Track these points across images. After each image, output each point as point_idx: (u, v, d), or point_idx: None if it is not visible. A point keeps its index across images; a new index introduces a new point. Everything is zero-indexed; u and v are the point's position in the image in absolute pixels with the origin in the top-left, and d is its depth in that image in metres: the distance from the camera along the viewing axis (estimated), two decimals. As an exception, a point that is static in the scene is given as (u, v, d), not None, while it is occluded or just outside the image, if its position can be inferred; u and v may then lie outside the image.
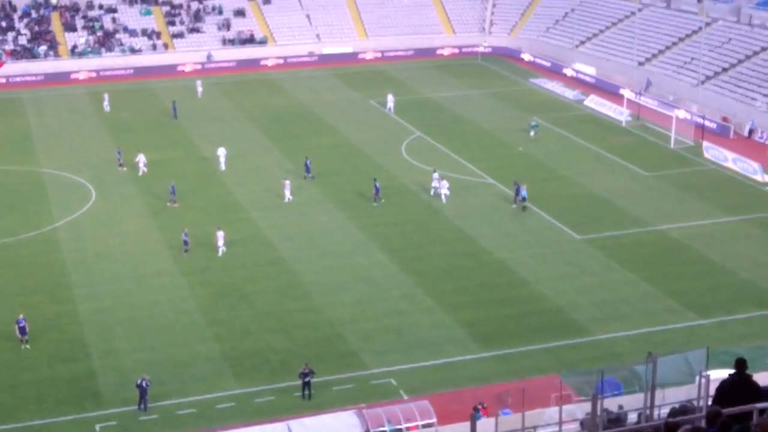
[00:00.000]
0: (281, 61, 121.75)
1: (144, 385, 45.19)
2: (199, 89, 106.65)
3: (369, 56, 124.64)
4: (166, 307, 55.96)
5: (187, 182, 76.74)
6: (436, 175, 73.08)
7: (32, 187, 76.58)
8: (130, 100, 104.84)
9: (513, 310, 55.22)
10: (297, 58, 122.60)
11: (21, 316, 51.40)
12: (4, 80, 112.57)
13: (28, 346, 50.65)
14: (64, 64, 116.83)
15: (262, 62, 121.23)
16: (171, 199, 71.36)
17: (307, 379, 46.12)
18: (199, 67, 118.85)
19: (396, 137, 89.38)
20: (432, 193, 71.94)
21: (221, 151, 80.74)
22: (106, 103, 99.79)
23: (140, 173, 78.06)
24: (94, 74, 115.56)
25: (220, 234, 62.72)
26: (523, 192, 69.67)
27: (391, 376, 48.23)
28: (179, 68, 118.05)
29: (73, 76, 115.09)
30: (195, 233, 65.17)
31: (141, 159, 79.02)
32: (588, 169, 79.78)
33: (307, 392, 46.23)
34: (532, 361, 49.64)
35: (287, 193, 72.16)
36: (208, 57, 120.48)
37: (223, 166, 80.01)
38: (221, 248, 62.47)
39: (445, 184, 71.07)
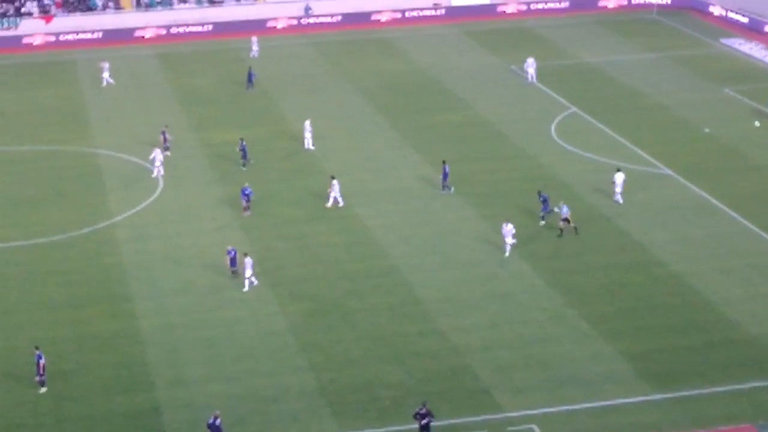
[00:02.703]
0: (398, 15, 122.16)
1: (217, 424, 45.81)
2: (254, 48, 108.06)
3: (510, 9, 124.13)
4: (249, 326, 56.78)
5: (276, 169, 77.77)
6: (618, 177, 70.66)
7: (86, 173, 78.59)
8: (208, 65, 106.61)
9: (694, 341, 54.46)
10: (418, 12, 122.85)
11: (38, 352, 51.01)
12: (53, 38, 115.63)
13: (43, 390, 50.65)
14: (126, 19, 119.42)
15: (374, 16, 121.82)
16: (245, 206, 70.05)
17: (425, 422, 46.17)
18: (294, 22, 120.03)
19: (544, 114, 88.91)
20: (616, 200, 70.60)
21: (307, 125, 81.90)
22: (106, 74, 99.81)
23: (154, 174, 76.60)
24: (163, 31, 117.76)
25: (248, 261, 60.33)
26: (565, 210, 65.98)
27: (533, 421, 48.02)
28: (269, 24, 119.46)
29: (137, 33, 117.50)
30: (286, 233, 66.02)
31: (157, 155, 76.74)
32: (797, 158, 78.33)
33: (425, 439, 46.44)
34: (720, 406, 48.81)
35: (333, 195, 70.81)
36: (307, 10, 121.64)
37: (309, 144, 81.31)
38: (249, 281, 60.29)
39: (510, 230, 63.83)
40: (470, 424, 47.93)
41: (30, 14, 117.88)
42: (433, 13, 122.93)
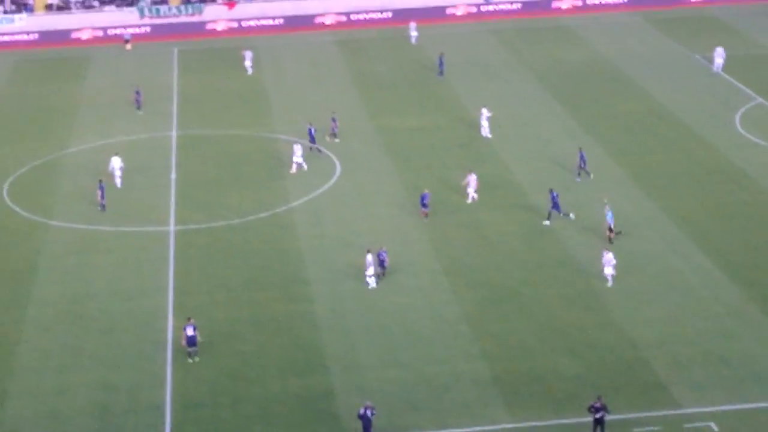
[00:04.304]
0: (579, 3, 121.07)
1: (369, 415, 45.84)
2: (413, 34, 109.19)
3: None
4: (424, 313, 56.99)
5: (453, 155, 77.91)
6: None
7: (265, 157, 79.93)
8: (387, 51, 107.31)
9: None
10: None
11: (191, 321, 52.98)
12: (235, 24, 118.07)
13: (193, 360, 52.48)
14: (307, 5, 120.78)
15: (555, 4, 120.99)
16: (423, 212, 68.33)
17: (599, 416, 45.77)
18: (473, 10, 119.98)
19: (728, 104, 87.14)
20: None
21: (484, 112, 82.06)
22: (248, 62, 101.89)
23: (293, 170, 75.69)
24: (343, 18, 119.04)
25: (370, 259, 59.67)
26: (609, 216, 62.98)
27: (712, 419, 47.14)
28: (449, 12, 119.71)
29: (318, 20, 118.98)
30: (462, 221, 66.11)
31: (297, 150, 76.10)
32: None
33: (599, 433, 46.04)
34: None
35: (470, 192, 70.01)
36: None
37: (487, 132, 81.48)
38: (374, 278, 59.70)
39: (610, 259, 58.69)
40: (646, 420, 47.28)
41: (213, 0, 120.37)
42: (614, 0, 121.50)
